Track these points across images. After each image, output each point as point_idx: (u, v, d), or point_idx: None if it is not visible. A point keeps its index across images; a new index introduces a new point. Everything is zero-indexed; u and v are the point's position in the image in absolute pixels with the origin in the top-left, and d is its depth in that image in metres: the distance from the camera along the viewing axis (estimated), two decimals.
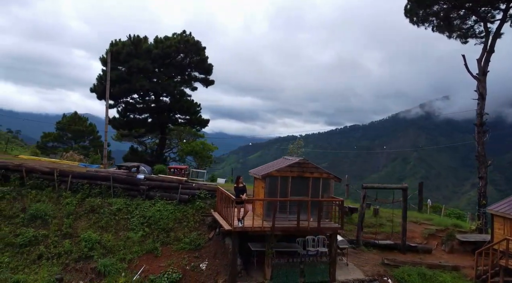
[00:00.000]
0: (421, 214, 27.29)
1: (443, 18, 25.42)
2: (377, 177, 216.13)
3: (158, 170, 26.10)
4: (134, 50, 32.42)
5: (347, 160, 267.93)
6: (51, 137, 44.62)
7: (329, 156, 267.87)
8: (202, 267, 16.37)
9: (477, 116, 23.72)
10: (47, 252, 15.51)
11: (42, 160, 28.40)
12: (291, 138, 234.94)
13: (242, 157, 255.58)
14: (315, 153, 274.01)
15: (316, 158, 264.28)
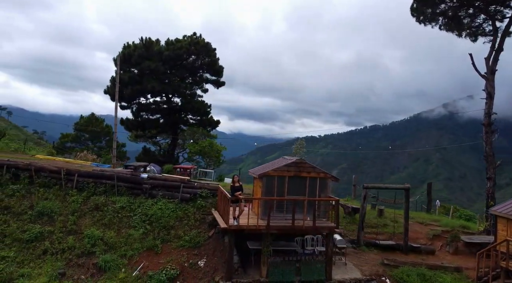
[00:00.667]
0: (430, 215, 26.99)
1: (451, 16, 25.09)
2: (397, 178, 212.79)
3: (167, 170, 26.74)
4: (145, 52, 33.20)
5: (367, 161, 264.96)
6: (69, 137, 46.04)
7: (349, 156, 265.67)
8: (200, 264, 16.75)
9: (484, 116, 23.35)
10: (52, 248, 16.19)
11: (56, 160, 29.46)
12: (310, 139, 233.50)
13: (260, 158, 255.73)
14: (335, 153, 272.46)
15: (336, 159, 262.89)
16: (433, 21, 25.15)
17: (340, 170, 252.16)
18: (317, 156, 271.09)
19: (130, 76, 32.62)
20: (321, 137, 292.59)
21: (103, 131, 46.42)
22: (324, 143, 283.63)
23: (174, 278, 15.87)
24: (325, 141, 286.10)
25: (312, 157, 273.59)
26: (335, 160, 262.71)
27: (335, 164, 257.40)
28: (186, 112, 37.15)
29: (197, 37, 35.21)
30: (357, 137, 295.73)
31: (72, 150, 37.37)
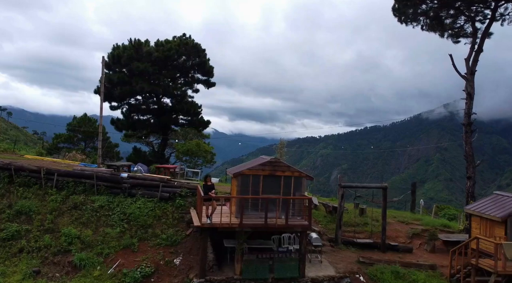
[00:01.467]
0: (413, 214, 27.14)
1: (433, 17, 25.29)
2: (398, 178, 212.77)
3: (153, 170, 27.03)
4: (134, 53, 33.47)
5: (368, 162, 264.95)
6: (61, 138, 46.28)
7: (349, 157, 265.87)
8: (176, 262, 16.97)
9: (464, 116, 23.53)
10: (28, 246, 16.45)
11: (44, 160, 29.71)
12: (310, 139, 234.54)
13: None
14: (335, 154, 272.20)
15: (336, 159, 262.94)
16: (414, 21, 25.33)
17: (340, 170, 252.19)
18: (317, 156, 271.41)
19: (119, 76, 32.90)
20: (322, 137, 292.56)
21: (96, 131, 46.67)
22: (324, 143, 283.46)
23: (149, 276, 16.08)
24: (325, 142, 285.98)
25: (312, 157, 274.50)
26: (336, 160, 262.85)
27: (335, 165, 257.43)
28: (177, 112, 37.38)
29: (186, 38, 35.47)
30: (357, 137, 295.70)
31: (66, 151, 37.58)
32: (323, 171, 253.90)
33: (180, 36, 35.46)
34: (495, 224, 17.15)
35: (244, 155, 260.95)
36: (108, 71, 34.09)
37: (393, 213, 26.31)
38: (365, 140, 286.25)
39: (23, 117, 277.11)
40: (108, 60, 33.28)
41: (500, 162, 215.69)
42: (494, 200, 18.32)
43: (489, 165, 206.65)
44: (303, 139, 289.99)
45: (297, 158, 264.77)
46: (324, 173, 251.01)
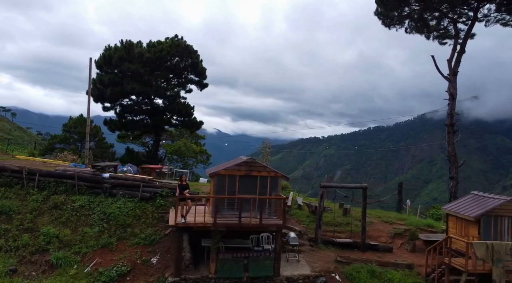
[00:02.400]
0: (400, 214, 27.20)
1: (418, 19, 25.36)
2: (401, 179, 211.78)
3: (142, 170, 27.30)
4: (126, 55, 33.79)
5: (371, 162, 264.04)
6: (57, 139, 46.74)
7: (352, 157, 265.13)
8: (153, 261, 17.19)
9: (447, 116, 23.61)
10: (6, 245, 16.75)
11: (35, 160, 30.10)
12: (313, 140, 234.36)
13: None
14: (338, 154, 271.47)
15: (339, 160, 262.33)
16: (399, 24, 25.39)
17: (344, 171, 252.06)
18: (320, 157, 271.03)
19: (110, 77, 33.23)
20: (325, 138, 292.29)
21: (91, 132, 47.06)
22: (327, 144, 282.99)
23: (125, 275, 16.32)
24: (328, 142, 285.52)
25: (315, 158, 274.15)
26: (339, 161, 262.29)
27: (338, 165, 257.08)
28: (169, 113, 37.66)
29: (178, 40, 35.75)
30: (360, 138, 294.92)
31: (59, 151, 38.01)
32: (326, 171, 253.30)
33: (172, 38, 35.76)
34: (470, 223, 17.23)
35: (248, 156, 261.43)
36: (100, 72, 34.44)
37: (378, 213, 26.39)
38: (369, 140, 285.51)
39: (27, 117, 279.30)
40: (100, 61, 33.61)
41: (504, 162, 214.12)
42: (470, 200, 18.39)
43: (494, 165, 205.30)
44: (306, 139, 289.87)
45: (300, 158, 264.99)
46: (328, 173, 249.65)
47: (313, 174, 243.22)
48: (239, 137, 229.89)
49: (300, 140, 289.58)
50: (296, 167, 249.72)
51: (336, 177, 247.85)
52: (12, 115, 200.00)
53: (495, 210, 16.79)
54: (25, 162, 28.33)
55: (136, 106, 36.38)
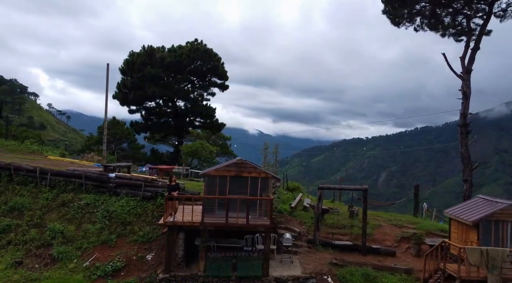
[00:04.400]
0: (415, 217, 26.23)
1: (430, 16, 24.36)
2: (451, 182, 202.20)
3: None
4: (147, 60, 35.20)
5: (419, 164, 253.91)
6: (93, 140, 49.45)
7: (399, 159, 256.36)
8: (148, 258, 17.90)
9: (460, 117, 22.48)
10: (16, 239, 18.11)
11: (64, 160, 32.13)
12: (357, 141, 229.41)
13: (306, 160, 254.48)
14: (383, 156, 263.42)
15: (384, 161, 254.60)
16: (409, 22, 24.52)
17: (389, 173, 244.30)
18: (364, 158, 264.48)
19: (133, 82, 34.77)
20: (369, 139, 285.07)
21: (123, 133, 49.34)
22: (372, 145, 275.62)
23: (119, 270, 17.12)
24: (373, 143, 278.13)
25: (359, 159, 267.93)
26: (384, 162, 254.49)
27: (383, 167, 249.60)
28: (192, 115, 38.68)
29: (197, 43, 36.70)
30: (407, 138, 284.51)
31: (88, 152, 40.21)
32: (370, 173, 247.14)
33: (192, 42, 36.75)
34: (469, 228, 16.41)
35: (289, 157, 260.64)
36: (125, 77, 36.06)
37: (390, 216, 25.65)
38: (416, 141, 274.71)
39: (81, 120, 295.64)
40: (124, 66, 35.21)
41: None
42: (474, 204, 17.50)
43: None
44: (349, 140, 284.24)
45: (343, 160, 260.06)
46: (372, 176, 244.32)
47: (356, 176, 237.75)
48: (280, 138, 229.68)
49: (342, 141, 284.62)
50: (339, 169, 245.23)
51: (381, 180, 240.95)
52: (67, 118, 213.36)
53: (495, 214, 15.88)
54: (53, 162, 30.37)
55: (159, 109, 37.70)
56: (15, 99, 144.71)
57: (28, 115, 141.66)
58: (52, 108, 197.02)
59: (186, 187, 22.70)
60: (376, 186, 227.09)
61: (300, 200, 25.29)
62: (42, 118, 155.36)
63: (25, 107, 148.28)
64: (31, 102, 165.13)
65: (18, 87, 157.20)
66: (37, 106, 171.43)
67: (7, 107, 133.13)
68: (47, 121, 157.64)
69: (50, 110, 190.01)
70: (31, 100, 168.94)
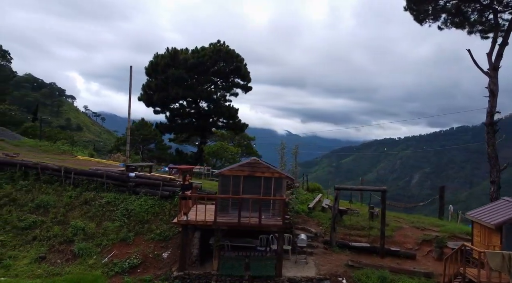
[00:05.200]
0: (440, 220, 25.40)
1: (455, 13, 23.53)
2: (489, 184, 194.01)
3: None
4: (171, 61, 35.85)
5: (454, 165, 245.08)
6: (122, 140, 50.85)
7: (432, 160, 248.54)
8: (164, 256, 18.23)
9: (487, 115, 21.56)
10: (40, 235, 18.90)
11: (92, 160, 33.24)
12: (388, 141, 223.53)
13: (336, 161, 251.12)
14: (416, 156, 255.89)
15: (417, 162, 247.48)
16: (434, 19, 23.77)
17: (422, 174, 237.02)
18: (396, 159, 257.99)
19: (157, 83, 35.52)
20: (401, 139, 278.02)
21: (151, 134, 50.47)
22: (404, 145, 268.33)
23: (136, 267, 17.53)
24: (405, 144, 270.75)
25: (391, 160, 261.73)
26: (416, 163, 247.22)
27: (416, 168, 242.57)
28: (215, 116, 39.07)
29: (220, 45, 37.03)
30: (441, 139, 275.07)
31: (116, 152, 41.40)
32: (402, 174, 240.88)
33: (215, 43, 37.10)
34: (492, 231, 15.72)
35: (318, 157, 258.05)
36: (150, 78, 36.89)
37: (412, 218, 24.92)
38: (451, 141, 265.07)
39: (115, 121, 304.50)
40: (148, 68, 36.02)
41: None
42: (496, 206, 16.77)
43: None
44: (381, 140, 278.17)
45: (374, 161, 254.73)
46: (404, 177, 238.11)
47: (387, 177, 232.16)
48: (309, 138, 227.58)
49: (373, 141, 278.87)
50: (370, 170, 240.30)
51: (414, 181, 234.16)
52: (102, 120, 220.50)
53: None
54: (82, 162, 31.49)
55: (182, 110, 38.32)
56: (54, 101, 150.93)
57: (66, 117, 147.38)
58: (88, 110, 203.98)
59: (203, 187, 23.01)
60: (409, 188, 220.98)
61: (319, 201, 25.02)
62: (78, 119, 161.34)
63: (63, 110, 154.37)
64: (68, 104, 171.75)
65: (57, 90, 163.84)
66: (74, 108, 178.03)
67: (47, 110, 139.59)
68: (83, 122, 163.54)
69: (86, 112, 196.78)
70: (68, 102, 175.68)
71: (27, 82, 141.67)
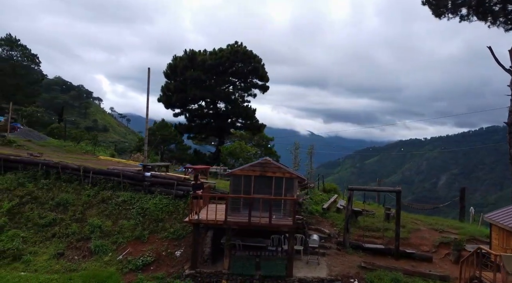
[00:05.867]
0: (461, 222, 24.72)
1: (477, 5, 22.89)
2: None
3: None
4: (189, 63, 36.33)
5: (483, 166, 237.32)
6: (143, 141, 51.85)
7: (460, 161, 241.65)
8: (176, 254, 18.50)
9: (509, 114, 20.87)
10: (59, 232, 19.52)
11: (112, 160, 34.02)
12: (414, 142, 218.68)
13: (359, 162, 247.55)
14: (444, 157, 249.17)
15: (444, 163, 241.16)
16: (453, 13, 23.19)
17: (449, 176, 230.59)
18: (422, 160, 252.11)
19: (175, 85, 36.07)
20: (427, 139, 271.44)
21: (171, 135, 51.22)
22: (431, 146, 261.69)
23: (149, 264, 17.86)
24: (432, 144, 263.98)
25: (416, 161, 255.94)
26: (444, 164, 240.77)
27: (443, 169, 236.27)
28: (233, 116, 39.32)
29: (237, 46, 37.26)
30: (471, 139, 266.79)
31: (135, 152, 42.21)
32: (429, 176, 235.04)
33: (232, 44, 37.35)
34: (510, 234, 15.20)
35: (341, 158, 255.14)
36: (168, 80, 37.49)
37: (432, 220, 24.37)
38: (480, 142, 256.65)
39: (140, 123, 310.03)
40: (167, 70, 36.61)
41: None
42: None
43: None
44: (406, 141, 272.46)
45: (399, 162, 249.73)
46: (431, 178, 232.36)
47: (413, 179, 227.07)
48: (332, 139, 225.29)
49: (398, 142, 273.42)
50: (395, 171, 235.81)
51: (441, 183, 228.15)
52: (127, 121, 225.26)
53: None
54: (103, 161, 32.28)
55: (201, 111, 38.74)
56: (82, 103, 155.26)
57: (93, 119, 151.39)
58: (114, 111, 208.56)
59: (218, 187, 23.20)
60: (436, 190, 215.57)
61: (335, 202, 24.80)
62: (105, 121, 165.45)
63: (91, 111, 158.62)
64: (95, 106, 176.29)
65: (85, 92, 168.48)
66: (101, 110, 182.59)
67: (75, 111, 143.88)
68: (109, 123, 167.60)
69: (112, 113, 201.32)
70: (95, 104, 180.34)
71: (57, 85, 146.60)
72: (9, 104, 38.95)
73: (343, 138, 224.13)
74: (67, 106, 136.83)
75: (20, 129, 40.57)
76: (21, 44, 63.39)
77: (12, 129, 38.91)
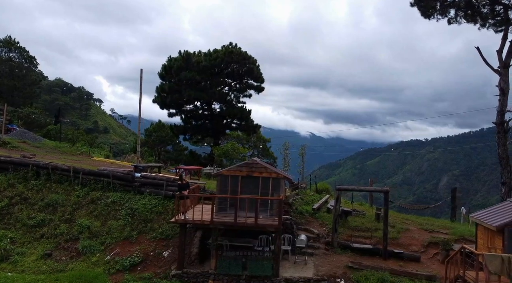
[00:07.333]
0: (452, 222, 24.68)
1: (465, 7, 22.89)
2: None
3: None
4: (183, 64, 36.43)
5: (485, 167, 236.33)
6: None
7: (462, 162, 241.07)
8: (164, 254, 18.51)
9: (497, 114, 20.87)
10: (48, 233, 19.57)
11: (107, 161, 34.09)
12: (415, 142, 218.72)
13: (360, 163, 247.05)
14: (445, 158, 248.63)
15: (445, 164, 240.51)
16: (441, 14, 23.21)
17: (451, 177, 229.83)
18: (423, 161, 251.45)
19: (170, 86, 36.15)
20: (428, 140, 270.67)
21: (168, 136, 51.26)
22: (432, 147, 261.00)
23: (136, 265, 17.87)
24: (433, 145, 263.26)
25: (418, 162, 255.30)
26: (445, 165, 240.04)
27: (444, 170, 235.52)
28: (228, 117, 39.37)
29: (232, 47, 37.33)
30: (472, 140, 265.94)
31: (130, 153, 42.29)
32: (430, 177, 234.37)
33: (227, 45, 37.42)
34: (495, 234, 15.19)
35: (342, 159, 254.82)
36: (163, 81, 37.57)
37: (422, 220, 24.34)
38: (482, 143, 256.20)
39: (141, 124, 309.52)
40: (162, 71, 36.71)
41: None
42: (501, 208, 16.18)
43: None
44: (407, 142, 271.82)
45: (399, 162, 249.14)
46: (432, 179, 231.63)
47: (414, 180, 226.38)
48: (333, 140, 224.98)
49: (399, 143, 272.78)
50: (395, 172, 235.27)
51: (442, 183, 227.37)
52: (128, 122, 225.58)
53: None
54: (96, 162, 32.37)
55: (196, 112, 38.81)
56: (83, 105, 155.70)
57: (94, 120, 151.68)
58: (114, 113, 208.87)
59: (209, 187, 23.23)
60: (437, 191, 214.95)
61: (326, 202, 24.79)
62: (105, 122, 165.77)
63: (91, 113, 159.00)
64: (96, 107, 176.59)
65: (85, 94, 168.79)
66: (101, 111, 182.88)
67: (76, 113, 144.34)
68: (110, 125, 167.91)
69: (112, 115, 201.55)
70: (96, 105, 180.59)
71: (58, 87, 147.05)
72: (4, 105, 39.06)
73: (344, 139, 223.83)
74: (68, 107, 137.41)
75: (16, 130, 40.69)
76: (19, 45, 63.66)
77: (7, 130, 39.02)
